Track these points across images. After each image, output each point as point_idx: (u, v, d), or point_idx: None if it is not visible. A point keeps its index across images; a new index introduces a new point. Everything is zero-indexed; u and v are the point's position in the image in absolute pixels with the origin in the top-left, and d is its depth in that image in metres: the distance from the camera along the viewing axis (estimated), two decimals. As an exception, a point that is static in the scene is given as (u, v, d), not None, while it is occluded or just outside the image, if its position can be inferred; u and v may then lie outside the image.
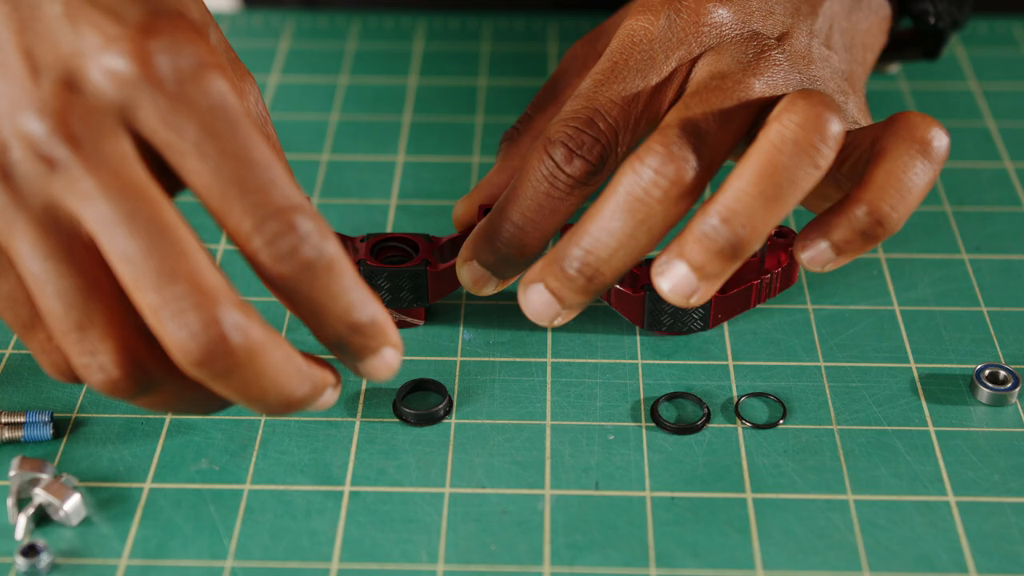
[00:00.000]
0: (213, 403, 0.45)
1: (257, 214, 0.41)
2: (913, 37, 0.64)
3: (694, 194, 0.46)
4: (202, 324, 0.40)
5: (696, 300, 0.46)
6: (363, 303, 0.43)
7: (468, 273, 0.51)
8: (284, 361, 0.42)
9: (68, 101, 0.41)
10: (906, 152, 0.47)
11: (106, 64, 0.41)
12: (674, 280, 0.46)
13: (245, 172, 0.41)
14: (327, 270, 0.42)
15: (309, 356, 0.44)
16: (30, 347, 0.45)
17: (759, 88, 0.48)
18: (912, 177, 0.46)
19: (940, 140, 0.47)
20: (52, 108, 0.41)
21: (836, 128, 0.45)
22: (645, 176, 0.45)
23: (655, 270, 0.46)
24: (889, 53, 0.64)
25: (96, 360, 0.42)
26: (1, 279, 0.43)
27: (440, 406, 0.52)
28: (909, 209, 0.47)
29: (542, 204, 0.48)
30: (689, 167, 0.45)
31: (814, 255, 0.48)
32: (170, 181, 0.43)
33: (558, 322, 0.49)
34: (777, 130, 0.45)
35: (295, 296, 0.42)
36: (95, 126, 0.41)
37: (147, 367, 0.42)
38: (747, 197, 0.44)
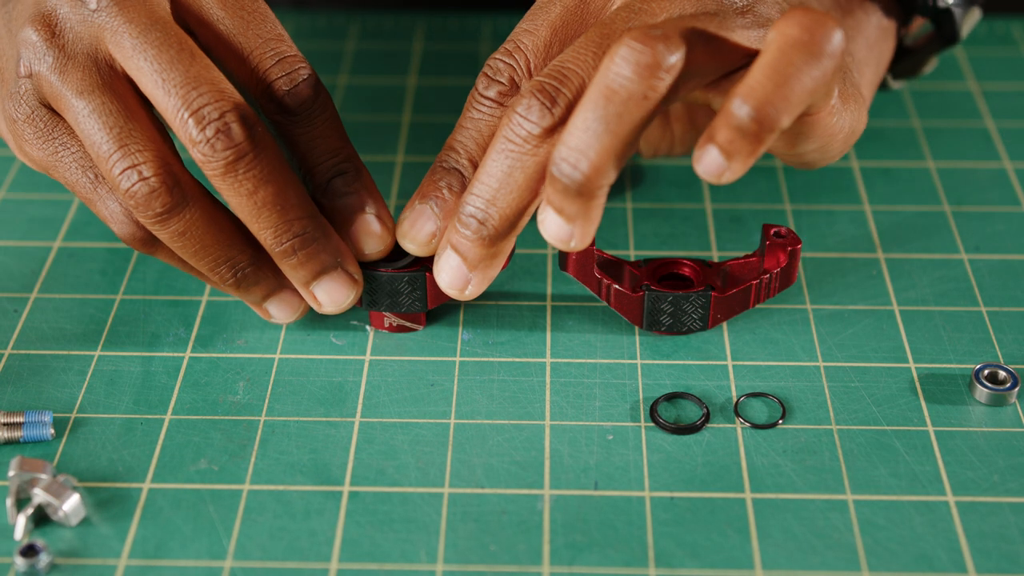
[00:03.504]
0: (222, 252, 0.51)
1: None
2: (928, 39, 0.65)
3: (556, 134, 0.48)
4: (219, 112, 0.48)
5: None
6: None
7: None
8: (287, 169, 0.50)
9: None
10: (785, 43, 0.45)
11: None
12: (706, 163, 0.45)
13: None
14: None
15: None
16: (97, 210, 0.52)
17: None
18: (789, 68, 0.45)
19: (824, 29, 0.45)
20: None
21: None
22: (515, 121, 0.48)
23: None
24: (912, 56, 0.64)
25: (137, 170, 0.49)
26: (64, 149, 0.52)
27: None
28: (788, 102, 0.45)
29: (481, 131, 0.51)
30: (547, 113, 0.48)
31: (707, 163, 0.46)
32: None
33: (470, 291, 0.51)
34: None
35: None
36: None
37: (180, 178, 0.49)
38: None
